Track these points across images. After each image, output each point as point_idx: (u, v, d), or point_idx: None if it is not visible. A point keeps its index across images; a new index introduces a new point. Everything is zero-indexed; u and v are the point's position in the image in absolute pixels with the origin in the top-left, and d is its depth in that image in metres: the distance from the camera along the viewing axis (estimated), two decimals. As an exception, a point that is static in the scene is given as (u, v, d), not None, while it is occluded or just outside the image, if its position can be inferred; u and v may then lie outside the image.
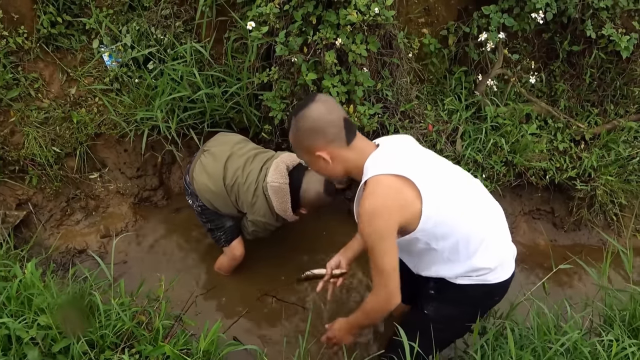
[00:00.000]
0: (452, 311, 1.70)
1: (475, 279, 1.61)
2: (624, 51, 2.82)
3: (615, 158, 2.82)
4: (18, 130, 2.70)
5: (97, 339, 1.63)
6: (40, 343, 1.58)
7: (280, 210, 2.29)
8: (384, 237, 1.48)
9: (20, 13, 2.80)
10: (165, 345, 1.60)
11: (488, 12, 2.63)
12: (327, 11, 2.36)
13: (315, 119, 1.54)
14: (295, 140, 1.62)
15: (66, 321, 1.55)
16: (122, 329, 1.67)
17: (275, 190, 2.24)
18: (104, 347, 1.63)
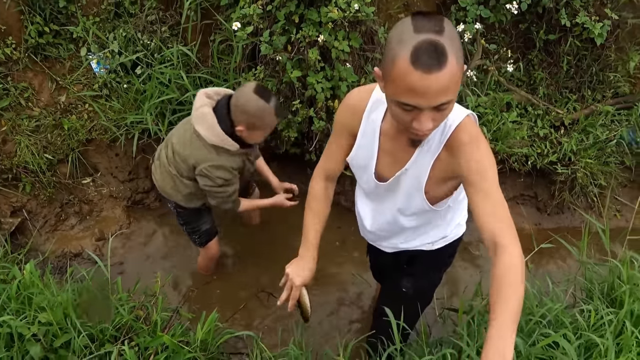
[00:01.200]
0: (426, 282, 1.78)
1: (451, 237, 1.68)
2: (597, 38, 2.91)
3: (593, 141, 2.91)
4: (10, 139, 2.75)
5: (97, 333, 1.68)
6: (42, 339, 1.63)
7: (214, 138, 1.99)
8: (495, 165, 1.28)
9: (8, 24, 2.85)
10: (164, 336, 1.65)
11: (465, 5, 2.72)
12: (309, 9, 2.43)
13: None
14: (458, 56, 1.12)
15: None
16: (121, 322, 1.72)
17: (198, 118, 1.99)
18: (103, 340, 1.68)
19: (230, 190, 2.15)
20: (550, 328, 1.66)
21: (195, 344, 1.72)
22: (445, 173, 1.35)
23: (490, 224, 1.18)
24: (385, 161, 1.44)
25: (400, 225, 1.60)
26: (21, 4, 2.86)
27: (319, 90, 2.51)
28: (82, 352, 1.62)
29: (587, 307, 1.70)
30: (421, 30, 1.05)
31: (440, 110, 1.12)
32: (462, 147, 1.26)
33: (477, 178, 1.22)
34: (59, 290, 1.78)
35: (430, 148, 1.33)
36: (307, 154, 2.85)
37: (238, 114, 1.98)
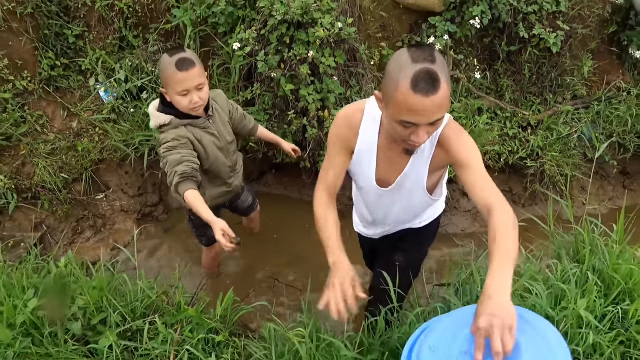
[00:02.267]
0: (416, 255, 2.03)
1: (434, 215, 1.95)
2: (553, 47, 3.29)
3: (557, 137, 3.25)
4: (28, 161, 2.99)
5: (128, 312, 1.89)
6: (81, 318, 1.84)
7: (154, 121, 2.12)
8: (479, 150, 1.54)
9: (24, 59, 3.14)
10: (189, 309, 1.87)
11: (434, 22, 3.09)
12: (298, 31, 2.76)
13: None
14: (448, 80, 1.36)
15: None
16: (149, 302, 1.94)
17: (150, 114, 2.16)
18: (135, 318, 1.90)
19: (171, 158, 2.03)
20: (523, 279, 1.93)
21: (216, 318, 1.94)
22: (439, 165, 1.63)
23: (483, 196, 1.44)
24: (383, 170, 1.69)
25: (402, 219, 1.89)
26: (35, 41, 3.16)
27: (310, 102, 2.82)
28: (118, 327, 1.82)
29: (555, 262, 1.97)
30: (417, 60, 1.30)
31: (434, 125, 1.38)
32: (451, 141, 1.54)
33: (467, 162, 1.50)
34: (90, 280, 1.99)
35: (424, 151, 1.59)
36: (302, 162, 3.13)
37: (162, 79, 2.07)
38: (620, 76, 3.75)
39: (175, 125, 2.09)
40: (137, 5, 3.25)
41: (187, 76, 2.00)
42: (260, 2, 2.75)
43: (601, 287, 1.92)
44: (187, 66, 2.00)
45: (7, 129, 2.94)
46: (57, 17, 3.21)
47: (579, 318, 1.74)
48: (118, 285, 2.02)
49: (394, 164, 1.65)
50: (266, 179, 3.52)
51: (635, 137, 3.45)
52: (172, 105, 2.09)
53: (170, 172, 2.03)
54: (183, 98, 2.03)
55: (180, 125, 2.10)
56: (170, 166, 2.03)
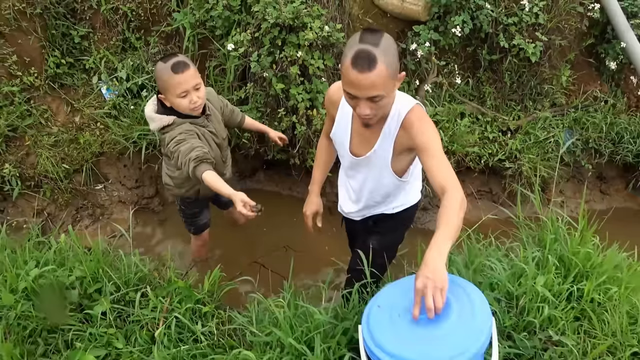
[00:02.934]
0: (389, 238, 2.18)
1: (406, 204, 2.10)
2: (532, 56, 3.49)
3: (535, 141, 3.42)
4: (32, 152, 3.16)
5: (122, 283, 2.04)
6: (78, 288, 1.99)
7: (156, 124, 2.23)
8: (439, 137, 1.67)
9: (31, 57, 3.32)
10: (179, 281, 2.02)
11: (418, 30, 3.29)
12: (290, 34, 2.95)
13: (392, 39, 1.58)
14: (389, 67, 1.52)
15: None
16: (141, 275, 2.09)
17: (146, 117, 2.30)
18: (128, 289, 2.04)
19: (183, 148, 2.13)
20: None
21: (204, 292, 2.08)
22: (403, 147, 1.80)
23: (438, 178, 1.59)
24: (357, 140, 1.89)
25: (375, 198, 2.05)
26: (43, 40, 3.35)
27: (299, 100, 3.00)
28: (112, 295, 1.97)
29: (517, 244, 2.13)
30: (363, 41, 1.52)
31: (374, 101, 1.56)
32: (413, 125, 1.71)
33: (426, 145, 1.66)
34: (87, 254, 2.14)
35: (390, 131, 1.78)
36: (291, 159, 3.29)
37: (158, 84, 2.21)
38: (598, 86, 3.95)
39: (178, 123, 2.21)
40: (139, 9, 3.45)
41: (183, 78, 2.12)
42: (254, 7, 2.95)
43: (561, 270, 2.08)
44: (183, 68, 2.12)
45: (14, 121, 3.11)
46: (64, 18, 3.40)
47: (538, 294, 1.90)
48: (113, 260, 2.16)
49: (366, 140, 1.84)
50: (258, 176, 3.69)
51: (609, 143, 3.63)
52: (172, 109, 2.21)
53: (184, 161, 2.12)
54: (182, 99, 2.16)
55: (183, 123, 2.22)
56: (183, 155, 2.12)
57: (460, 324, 1.43)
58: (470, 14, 3.36)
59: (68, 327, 1.90)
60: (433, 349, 1.38)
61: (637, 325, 1.89)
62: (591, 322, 1.90)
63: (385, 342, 1.45)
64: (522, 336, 1.81)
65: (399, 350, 1.40)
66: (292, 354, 1.68)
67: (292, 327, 1.77)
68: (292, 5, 2.88)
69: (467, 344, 1.37)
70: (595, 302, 1.95)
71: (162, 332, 1.87)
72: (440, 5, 3.27)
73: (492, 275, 1.98)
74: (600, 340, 1.82)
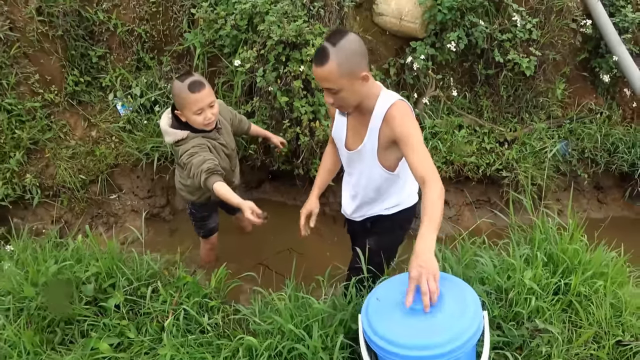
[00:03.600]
0: (386, 239, 2.29)
1: (403, 205, 2.22)
2: (527, 70, 3.64)
3: (531, 151, 3.54)
4: (52, 163, 3.35)
5: (134, 278, 2.18)
6: (93, 282, 2.13)
7: (170, 137, 2.40)
8: (419, 131, 1.82)
9: (52, 75, 3.54)
10: (187, 276, 2.16)
11: (415, 46, 3.46)
12: (293, 51, 3.14)
13: (359, 42, 1.76)
14: (340, 65, 1.70)
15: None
16: (152, 272, 2.23)
17: (161, 130, 2.47)
18: (140, 285, 2.18)
19: (195, 161, 2.29)
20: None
21: (211, 287, 2.21)
22: (387, 140, 1.94)
23: (419, 170, 1.72)
24: (350, 135, 2.06)
25: (370, 194, 2.17)
26: (63, 60, 3.57)
27: (303, 113, 3.16)
28: (125, 289, 2.11)
29: (509, 243, 2.24)
30: (326, 39, 1.75)
31: (333, 93, 1.79)
32: (395, 119, 1.86)
33: (407, 138, 1.80)
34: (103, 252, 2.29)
35: (375, 126, 1.93)
36: (296, 169, 3.44)
37: (173, 100, 2.36)
38: (593, 99, 4.08)
39: (191, 137, 2.39)
40: (153, 31, 3.68)
41: (200, 96, 2.30)
42: (260, 26, 3.15)
43: (550, 266, 2.18)
44: (199, 87, 2.29)
45: (35, 134, 3.31)
46: (82, 40, 3.63)
47: (526, 287, 2.00)
48: (126, 259, 2.31)
49: (358, 133, 2.00)
50: (264, 187, 3.84)
51: (605, 153, 3.74)
52: (187, 124, 2.39)
53: (196, 172, 2.29)
54: (198, 116, 2.33)
55: (196, 137, 2.40)
56: (195, 167, 2.29)
57: (453, 315, 1.53)
58: (466, 31, 3.54)
59: (84, 319, 2.03)
60: (428, 335, 1.49)
61: (622, 317, 1.98)
62: (578, 314, 1.99)
63: (383, 330, 1.56)
64: (510, 325, 1.91)
65: (396, 337, 1.51)
66: (291, 339, 1.80)
67: (292, 316, 1.89)
68: (295, 24, 3.07)
69: (459, 331, 1.48)
70: (582, 295, 2.04)
71: (171, 322, 1.99)
72: (437, 23, 3.45)
73: (482, 270, 2.09)
74: (586, 329, 1.91)
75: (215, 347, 1.91)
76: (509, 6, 3.61)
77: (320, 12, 3.28)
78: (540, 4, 3.74)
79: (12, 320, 1.98)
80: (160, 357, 1.84)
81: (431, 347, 1.43)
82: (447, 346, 1.42)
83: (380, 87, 1.94)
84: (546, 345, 1.85)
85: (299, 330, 1.78)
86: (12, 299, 2.04)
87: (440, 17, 3.39)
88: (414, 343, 1.46)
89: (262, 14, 3.18)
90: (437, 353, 1.42)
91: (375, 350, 1.57)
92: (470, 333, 1.47)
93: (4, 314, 2.01)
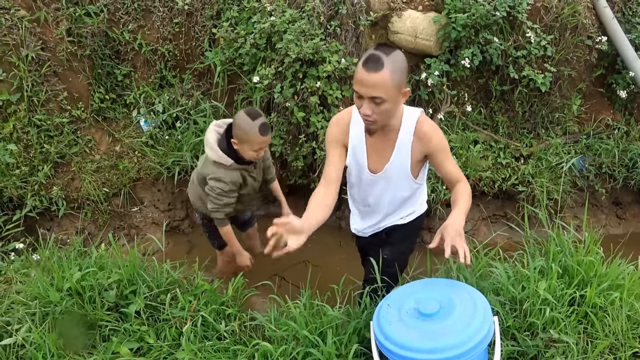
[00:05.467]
0: (401, 248, 2.32)
1: (417, 213, 2.26)
2: (542, 86, 3.67)
3: (547, 166, 3.55)
4: (77, 177, 3.47)
5: (154, 286, 2.24)
6: (115, 289, 2.20)
7: (214, 155, 2.47)
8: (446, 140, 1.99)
9: (80, 93, 3.70)
10: (205, 284, 2.21)
11: (430, 62, 3.52)
12: (310, 68, 3.23)
13: (405, 60, 1.78)
14: (393, 73, 1.70)
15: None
16: (171, 280, 2.30)
17: (206, 140, 2.52)
18: (159, 292, 2.24)
19: (224, 201, 2.52)
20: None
21: (227, 297, 2.26)
22: (420, 155, 2.00)
23: (454, 174, 1.96)
24: (373, 159, 2.05)
25: (391, 209, 2.21)
26: (90, 78, 3.74)
27: (319, 128, 3.24)
28: (145, 296, 2.17)
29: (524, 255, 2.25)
30: (377, 49, 1.75)
31: (376, 103, 1.73)
32: (427, 135, 1.94)
33: (441, 152, 1.95)
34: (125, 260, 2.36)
35: (404, 142, 1.97)
36: (312, 183, 3.50)
37: (234, 130, 2.44)
38: (610, 114, 4.07)
39: (232, 169, 2.50)
40: (176, 50, 3.83)
41: (265, 139, 2.46)
42: (278, 44, 3.25)
43: (565, 278, 2.18)
44: (268, 132, 2.45)
45: (62, 149, 3.45)
46: (109, 59, 3.80)
47: (540, 297, 2.00)
48: (146, 267, 2.38)
49: (382, 154, 2.01)
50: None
51: (623, 169, 3.71)
52: (236, 152, 2.48)
53: (218, 207, 2.55)
54: (253, 152, 2.47)
55: (236, 170, 2.51)
56: (220, 203, 2.54)
57: (462, 319, 1.57)
58: (480, 48, 3.59)
59: (105, 324, 2.10)
60: (438, 339, 1.52)
61: (639, 329, 1.96)
62: (593, 326, 1.98)
63: (393, 334, 1.59)
64: (525, 336, 1.91)
65: (407, 341, 1.55)
66: (306, 345, 1.83)
67: (306, 323, 1.93)
68: (312, 41, 3.16)
69: (469, 335, 1.51)
70: (598, 307, 2.03)
71: (190, 329, 2.04)
72: (451, 40, 3.52)
73: (497, 281, 2.10)
74: (601, 340, 1.89)
75: (232, 352, 1.95)
76: (524, 23, 3.66)
77: (337, 30, 3.38)
78: (554, 21, 3.78)
79: (38, 323, 2.05)
80: (178, 361, 1.89)
81: (440, 350, 1.46)
82: (456, 349, 1.44)
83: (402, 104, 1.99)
84: (561, 356, 1.84)
85: (314, 337, 1.81)
86: (38, 303, 2.12)
87: (454, 34, 3.46)
88: (424, 347, 1.49)
89: (281, 32, 3.29)
90: (447, 356, 1.44)
91: (387, 354, 1.60)
92: (480, 337, 1.49)
93: (30, 317, 2.09)
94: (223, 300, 2.21)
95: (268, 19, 3.33)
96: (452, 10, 3.47)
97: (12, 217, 3.23)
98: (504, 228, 3.57)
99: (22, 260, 2.65)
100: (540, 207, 3.43)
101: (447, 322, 1.58)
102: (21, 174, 3.29)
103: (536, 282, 2.07)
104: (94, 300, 2.16)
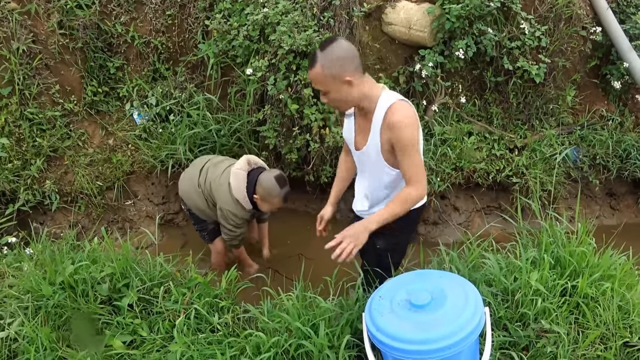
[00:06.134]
0: (393, 239, 2.31)
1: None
2: (536, 77, 3.66)
3: (541, 157, 3.55)
4: (70, 170, 3.45)
5: (147, 279, 2.24)
6: (108, 282, 2.20)
7: (238, 193, 2.74)
8: (416, 140, 1.91)
9: (72, 86, 3.67)
10: (199, 277, 2.21)
11: (424, 54, 3.51)
12: (303, 60, 3.21)
13: (347, 48, 1.85)
14: (324, 68, 1.82)
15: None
16: (164, 273, 2.29)
17: (234, 174, 2.76)
18: (152, 285, 2.24)
19: (238, 232, 2.92)
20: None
21: (221, 288, 2.26)
22: (387, 143, 1.99)
23: (406, 173, 1.94)
24: (358, 136, 2.11)
25: (377, 193, 2.20)
26: (82, 71, 3.71)
27: (313, 120, 3.23)
28: (139, 290, 2.17)
29: (516, 246, 2.25)
30: (319, 46, 1.87)
31: (323, 94, 1.90)
32: (391, 125, 1.92)
33: (400, 147, 1.92)
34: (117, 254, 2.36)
35: (376, 127, 1.98)
36: (306, 176, 3.50)
37: (259, 187, 2.77)
38: (604, 105, 4.07)
39: (247, 209, 2.84)
40: (169, 42, 3.80)
41: (284, 204, 2.84)
42: (272, 36, 3.23)
43: (557, 269, 2.19)
44: (288, 198, 2.82)
45: (55, 142, 3.43)
46: (101, 52, 3.77)
47: (532, 288, 2.01)
48: (140, 261, 2.37)
49: (364, 134, 2.04)
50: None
51: (617, 160, 3.72)
52: (255, 203, 2.84)
53: (233, 233, 2.92)
54: (269, 207, 2.86)
55: (250, 212, 2.87)
56: (236, 234, 2.92)
57: (454, 310, 1.57)
58: (474, 39, 3.58)
59: (98, 317, 2.09)
60: (429, 330, 1.53)
61: (629, 319, 1.97)
62: (585, 316, 1.99)
63: (385, 325, 1.60)
64: (516, 326, 1.92)
65: (398, 332, 1.55)
66: (298, 337, 1.83)
67: (299, 314, 1.93)
68: (305, 33, 3.15)
69: (460, 325, 1.51)
70: (589, 297, 2.04)
71: (183, 321, 2.04)
72: (445, 31, 3.50)
73: (489, 272, 2.10)
74: (592, 330, 1.91)
75: (225, 345, 1.95)
76: (518, 14, 3.65)
77: (330, 22, 3.36)
78: (549, 12, 3.77)
79: (30, 317, 2.05)
80: (171, 353, 1.89)
81: (432, 341, 1.46)
82: (447, 340, 1.45)
83: (381, 88, 1.98)
84: (552, 346, 1.86)
85: (306, 328, 1.81)
86: (30, 297, 2.12)
87: (448, 25, 3.44)
88: (415, 338, 1.50)
89: (274, 24, 3.27)
90: (438, 347, 1.45)
91: (378, 346, 1.60)
92: (471, 327, 1.49)
93: (23, 311, 2.08)
94: (216, 293, 2.21)
95: (261, 10, 3.31)
96: (446, 1, 3.45)
97: (4, 211, 3.22)
98: (498, 219, 3.58)
99: (14, 254, 2.64)
100: (534, 199, 3.45)
101: (439, 313, 1.58)
102: (13, 167, 3.28)
103: (528, 273, 2.07)
104: (87, 294, 2.16)
